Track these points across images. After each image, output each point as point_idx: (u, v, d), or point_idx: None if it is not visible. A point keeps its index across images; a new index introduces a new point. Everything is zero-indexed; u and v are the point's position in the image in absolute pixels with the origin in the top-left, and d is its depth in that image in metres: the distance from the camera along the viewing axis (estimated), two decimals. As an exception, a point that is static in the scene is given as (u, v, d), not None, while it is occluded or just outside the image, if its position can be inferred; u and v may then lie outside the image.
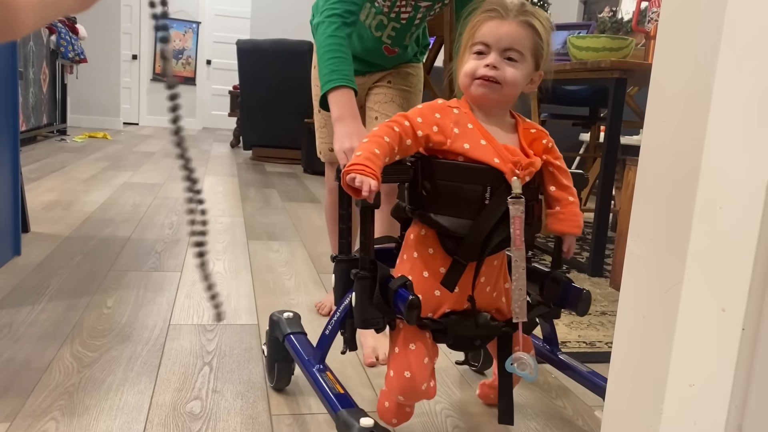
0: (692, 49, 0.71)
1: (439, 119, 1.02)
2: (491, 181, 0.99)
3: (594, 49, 2.71)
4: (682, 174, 0.72)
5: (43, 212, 2.93)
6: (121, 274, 2.13)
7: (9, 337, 1.57)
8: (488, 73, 1.03)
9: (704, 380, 0.69)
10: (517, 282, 1.01)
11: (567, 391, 1.52)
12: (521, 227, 0.98)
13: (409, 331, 1.05)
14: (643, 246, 0.79)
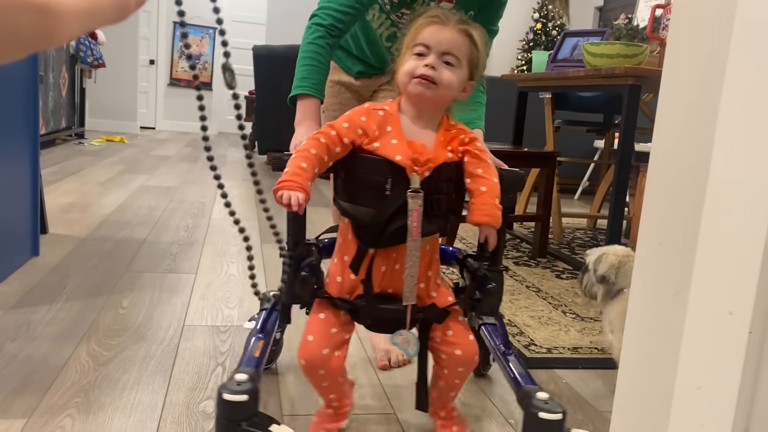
0: (701, 56, 0.72)
1: (364, 122, 1.09)
2: (393, 174, 1.06)
3: (608, 55, 2.71)
4: (690, 178, 0.73)
5: (61, 214, 2.97)
6: (137, 276, 2.16)
7: (27, 335, 1.59)
8: (426, 72, 1.08)
9: (712, 383, 0.69)
10: (409, 269, 1.08)
11: (578, 397, 1.52)
12: (418, 220, 1.05)
13: (323, 303, 1.14)
14: (651, 250, 0.80)
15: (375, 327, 1.16)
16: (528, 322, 2.03)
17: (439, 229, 1.12)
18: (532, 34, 8.79)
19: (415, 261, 1.08)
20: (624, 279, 1.52)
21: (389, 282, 1.12)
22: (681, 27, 0.77)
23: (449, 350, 1.15)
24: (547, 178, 3.02)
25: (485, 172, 1.12)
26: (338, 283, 1.15)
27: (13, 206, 2.12)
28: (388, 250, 1.09)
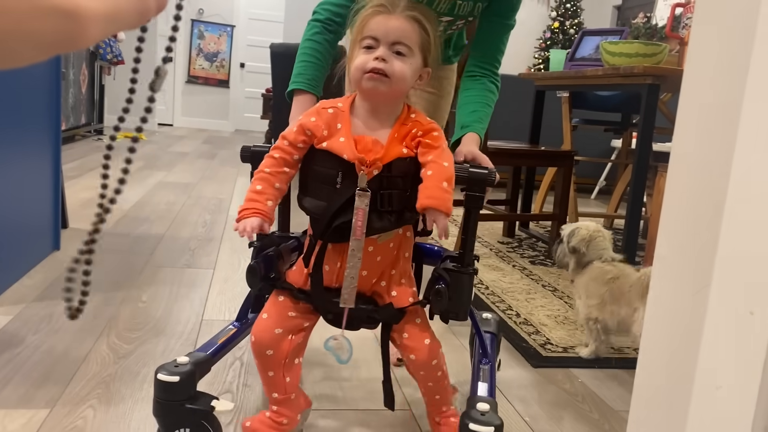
0: (724, 56, 0.72)
1: (312, 123, 1.07)
2: (343, 168, 1.05)
3: (627, 54, 2.69)
4: (711, 178, 0.73)
5: (81, 209, 3.01)
6: (156, 270, 2.18)
7: (49, 328, 1.62)
8: (377, 65, 1.05)
9: (731, 383, 0.69)
10: (349, 270, 1.06)
11: (594, 396, 1.52)
12: (363, 219, 1.03)
13: (285, 296, 1.13)
14: (671, 249, 0.80)
15: (335, 322, 1.13)
16: (544, 321, 2.03)
17: (392, 225, 1.07)
18: (550, 32, 8.75)
19: (356, 262, 1.05)
20: (594, 252, 1.75)
21: (342, 278, 1.09)
22: (704, 26, 0.77)
23: (405, 354, 1.13)
24: (563, 178, 3.01)
25: (435, 157, 1.06)
26: (301, 275, 1.14)
27: (34, 201, 2.15)
28: (345, 246, 1.06)
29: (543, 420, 1.37)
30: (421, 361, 1.12)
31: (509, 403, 1.44)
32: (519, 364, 1.67)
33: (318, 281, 1.09)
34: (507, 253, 3.00)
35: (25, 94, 2.03)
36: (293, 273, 1.16)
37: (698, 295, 0.74)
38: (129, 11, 0.46)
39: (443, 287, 1.10)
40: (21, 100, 2.00)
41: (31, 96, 2.09)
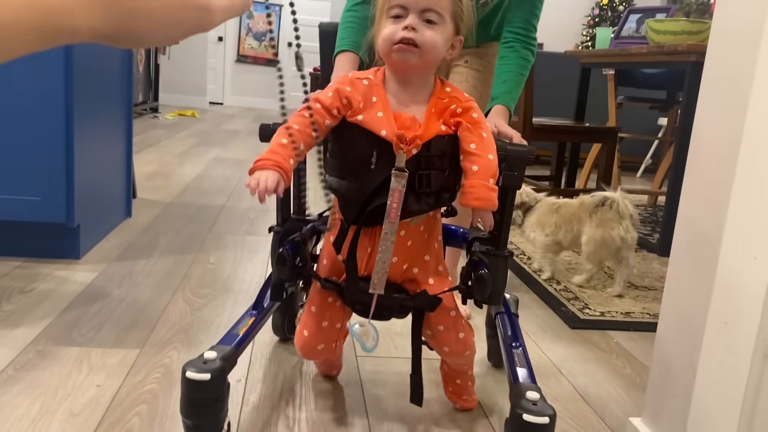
0: (739, 39, 0.82)
1: (349, 92, 0.99)
2: (378, 147, 0.98)
3: (672, 32, 2.74)
4: (726, 143, 0.84)
5: (146, 181, 3.22)
6: (220, 236, 2.36)
7: (131, 283, 1.81)
8: (407, 35, 0.97)
9: (737, 318, 0.80)
10: (381, 255, 0.99)
11: (627, 354, 1.63)
12: (399, 201, 0.96)
13: (314, 293, 1.10)
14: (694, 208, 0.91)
15: (365, 313, 1.06)
16: (584, 289, 2.13)
17: (430, 208, 1.02)
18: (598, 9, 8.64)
19: (389, 246, 0.99)
20: (528, 196, 2.18)
21: (373, 265, 1.03)
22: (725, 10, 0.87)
23: (439, 346, 1.11)
24: (607, 154, 3.08)
25: (479, 148, 0.99)
26: (329, 263, 1.09)
27: (110, 172, 2.35)
28: (374, 230, 1.01)
29: (579, 374, 1.49)
30: (456, 353, 1.12)
31: (546, 356, 1.56)
32: (558, 326, 1.78)
33: (352, 269, 1.03)
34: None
35: (104, 73, 2.21)
36: (320, 263, 1.11)
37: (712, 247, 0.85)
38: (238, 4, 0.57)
39: (486, 273, 1.05)
40: (102, 77, 2.18)
41: (108, 74, 2.28)
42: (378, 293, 1.02)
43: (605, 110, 3.58)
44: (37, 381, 1.24)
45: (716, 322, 0.82)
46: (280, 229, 1.15)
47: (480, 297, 1.07)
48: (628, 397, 1.40)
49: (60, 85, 1.81)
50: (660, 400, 1.01)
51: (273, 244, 1.16)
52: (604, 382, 1.46)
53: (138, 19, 0.38)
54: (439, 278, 1.08)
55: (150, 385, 1.27)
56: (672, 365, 0.97)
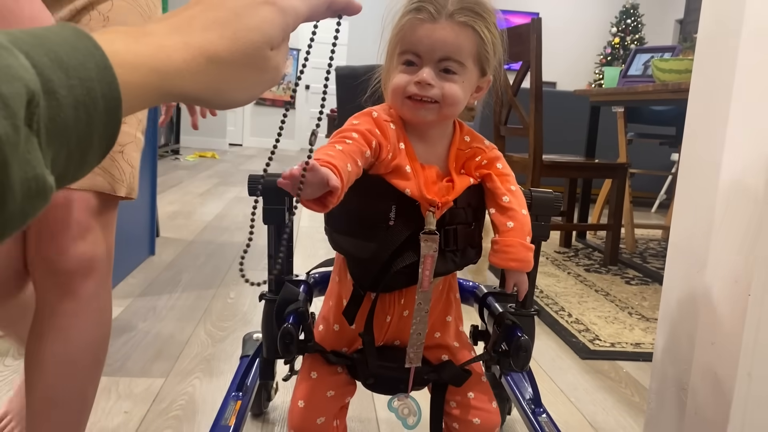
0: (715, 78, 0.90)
1: (379, 136, 0.82)
2: (397, 200, 0.84)
3: (677, 71, 2.82)
4: (709, 175, 0.90)
5: (169, 220, 3.33)
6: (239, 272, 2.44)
7: (155, 317, 1.89)
8: (420, 92, 0.83)
9: (723, 339, 0.86)
10: (416, 326, 0.88)
11: (636, 383, 1.67)
12: (431, 268, 0.84)
13: (316, 359, 0.93)
14: (682, 234, 0.97)
15: (378, 387, 0.95)
16: (594, 321, 2.17)
17: (456, 267, 0.90)
18: (610, 48, 8.76)
19: (424, 316, 0.87)
20: None
21: (396, 332, 0.91)
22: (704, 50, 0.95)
23: (466, 417, 0.94)
24: (617, 189, 3.13)
25: (512, 202, 0.89)
26: (335, 332, 0.94)
27: (136, 212, 2.45)
28: (393, 294, 0.89)
29: (588, 402, 1.53)
30: (486, 427, 0.94)
31: (555, 385, 1.61)
32: (568, 357, 1.83)
33: (371, 342, 0.89)
34: (563, 261, 3.14)
35: (130, 117, 2.33)
36: (324, 332, 0.96)
37: (699, 273, 0.91)
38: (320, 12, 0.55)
39: (525, 339, 0.90)
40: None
41: (134, 119, 2.39)
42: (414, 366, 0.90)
43: (617, 147, 3.66)
44: (68, 407, 1.31)
45: (705, 342, 0.87)
46: (274, 297, 0.95)
47: (519, 367, 0.91)
48: (636, 424, 1.43)
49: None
50: (657, 419, 1.06)
51: (266, 315, 0.96)
52: (612, 409, 1.50)
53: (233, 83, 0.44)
54: (461, 341, 0.96)
55: (174, 411, 1.33)
56: (666, 384, 1.02)
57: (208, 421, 1.30)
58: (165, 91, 0.40)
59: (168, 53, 0.40)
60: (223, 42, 0.43)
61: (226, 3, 0.45)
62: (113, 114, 0.35)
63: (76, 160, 0.35)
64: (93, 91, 0.34)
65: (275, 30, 0.46)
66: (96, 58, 0.35)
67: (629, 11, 8.50)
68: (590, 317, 2.21)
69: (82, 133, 0.34)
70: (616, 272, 2.97)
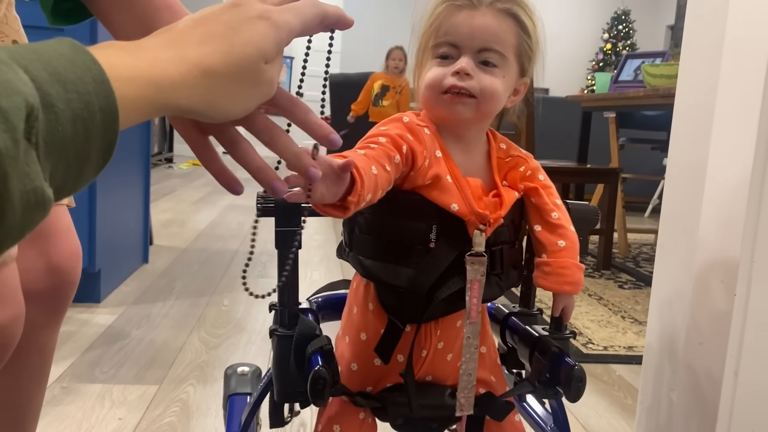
0: (699, 86, 0.91)
1: (412, 141, 0.73)
2: (438, 219, 0.75)
3: (667, 76, 2.85)
4: (694, 178, 0.92)
5: (162, 228, 3.33)
6: (233, 280, 2.44)
7: (148, 325, 1.89)
8: (459, 83, 0.75)
9: (710, 339, 0.87)
10: (466, 365, 0.77)
11: (629, 386, 1.68)
12: (479, 294, 0.75)
13: (338, 408, 0.82)
14: (672, 239, 0.98)
15: (407, 427, 0.84)
16: (587, 325, 2.18)
17: (501, 292, 0.81)
18: (602, 54, 8.82)
19: (474, 353, 0.77)
20: None
21: (429, 366, 0.81)
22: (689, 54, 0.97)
23: None
24: (609, 194, 3.15)
25: (562, 218, 0.81)
26: (353, 372, 0.82)
27: (129, 220, 2.45)
28: (428, 325, 0.79)
29: (580, 404, 1.54)
30: None
31: (550, 389, 1.61)
32: (561, 360, 1.84)
33: (413, 382, 0.78)
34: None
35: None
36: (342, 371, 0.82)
37: (688, 273, 0.92)
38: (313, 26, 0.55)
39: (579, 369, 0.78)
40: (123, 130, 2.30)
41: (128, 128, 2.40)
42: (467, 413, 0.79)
43: (609, 152, 3.68)
44: (62, 415, 1.31)
45: (693, 342, 0.88)
46: (288, 333, 0.80)
47: (573, 399, 0.80)
48: (629, 427, 1.44)
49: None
50: (647, 419, 1.07)
51: (279, 353, 0.81)
52: (605, 412, 1.51)
53: (227, 96, 0.45)
54: (497, 375, 0.86)
55: (168, 418, 1.33)
56: (656, 385, 1.03)
57: (201, 428, 1.30)
58: (161, 104, 0.41)
59: (163, 66, 0.41)
60: (217, 56, 0.43)
61: (221, 18, 0.46)
62: (110, 127, 0.36)
63: (74, 173, 0.35)
64: (91, 105, 0.35)
65: (269, 44, 0.47)
66: (93, 72, 0.35)
67: (621, 17, 8.56)
68: (583, 321, 2.22)
69: (80, 146, 0.34)
70: (609, 276, 2.98)
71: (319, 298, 1.01)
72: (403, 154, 0.71)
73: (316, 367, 0.74)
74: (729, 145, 0.85)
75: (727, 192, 0.85)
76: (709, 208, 0.88)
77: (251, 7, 0.47)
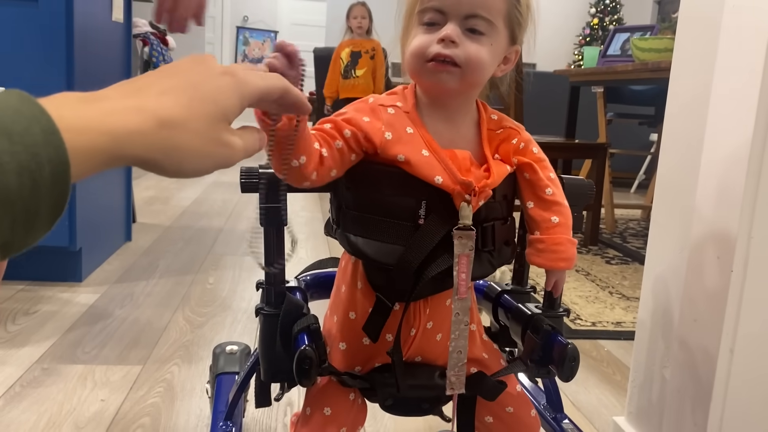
0: (697, 57, 0.88)
1: (367, 123, 0.73)
2: (429, 196, 0.72)
3: (656, 50, 2.82)
4: (690, 154, 0.89)
5: (146, 206, 3.27)
6: (218, 258, 2.41)
7: (132, 304, 1.85)
8: (444, 51, 0.72)
9: (705, 316, 0.85)
10: (456, 342, 0.75)
11: (618, 362, 1.67)
12: (468, 269, 0.73)
13: (327, 389, 0.80)
14: (665, 214, 0.96)
15: (397, 408, 0.83)
16: (575, 300, 2.18)
17: (493, 269, 0.78)
18: (589, 29, 8.78)
19: (464, 330, 0.75)
20: None
21: (418, 346, 0.79)
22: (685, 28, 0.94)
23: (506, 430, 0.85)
24: (597, 169, 3.14)
25: (556, 194, 0.78)
26: (341, 351, 0.80)
27: (111, 197, 2.40)
28: (417, 303, 0.77)
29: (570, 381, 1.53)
30: None
31: (539, 366, 1.60)
32: (550, 336, 1.83)
33: (401, 361, 0.77)
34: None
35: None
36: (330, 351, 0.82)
37: (683, 251, 0.91)
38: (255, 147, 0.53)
39: (572, 347, 0.78)
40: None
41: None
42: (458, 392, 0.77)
43: (596, 127, 3.66)
44: (43, 397, 1.28)
45: (687, 319, 0.87)
46: (274, 312, 0.80)
47: (566, 378, 0.80)
48: (617, 402, 1.44)
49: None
50: (639, 396, 1.06)
51: (265, 333, 0.81)
52: (594, 388, 1.50)
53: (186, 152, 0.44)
54: (489, 351, 0.85)
55: (152, 399, 1.31)
56: (649, 362, 1.02)
57: (186, 408, 1.28)
58: (116, 155, 0.40)
59: (120, 116, 0.40)
60: (177, 108, 0.43)
61: (185, 71, 0.46)
62: (61, 179, 0.35)
63: (22, 227, 0.35)
64: (38, 157, 0.34)
65: (231, 102, 0.46)
66: (42, 123, 0.35)
67: (608, -8, 8.50)
68: (571, 296, 2.22)
69: (27, 198, 0.34)
70: (597, 252, 2.98)
71: (307, 277, 0.99)
72: (345, 138, 0.71)
73: (302, 347, 0.73)
74: (727, 117, 0.83)
75: (725, 166, 0.83)
76: (706, 183, 0.86)
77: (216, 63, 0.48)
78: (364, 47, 4.07)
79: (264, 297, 0.82)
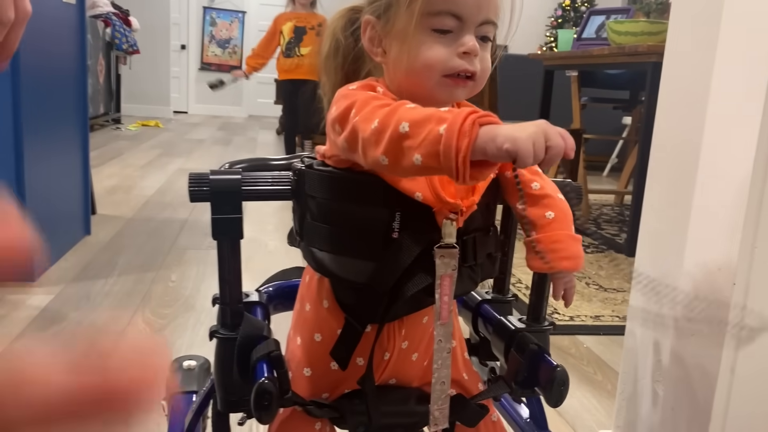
0: (695, 43, 0.81)
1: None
2: (403, 206, 0.64)
3: (633, 33, 2.76)
4: (688, 142, 0.82)
5: (107, 196, 3.13)
6: (182, 252, 2.30)
7: (89, 305, 1.75)
8: (470, 67, 0.64)
9: (704, 331, 0.79)
10: (438, 372, 0.66)
11: (598, 359, 1.62)
12: (451, 291, 0.64)
13: (291, 420, 0.72)
14: (656, 223, 0.89)
15: None
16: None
17: (475, 285, 0.72)
18: (561, 10, 8.74)
19: (446, 358, 0.66)
20: None
21: (393, 369, 0.72)
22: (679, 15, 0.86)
23: None
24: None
25: (544, 187, 0.71)
26: (305, 378, 0.72)
27: (66, 188, 2.27)
28: (392, 324, 0.70)
29: (549, 381, 1.48)
30: None
31: (518, 366, 1.54)
32: (528, 332, 1.77)
33: (374, 390, 0.69)
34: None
35: (56, 86, 2.14)
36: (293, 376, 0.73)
37: (676, 254, 0.84)
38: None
39: (562, 370, 0.71)
40: (52, 93, 2.11)
41: (61, 88, 2.20)
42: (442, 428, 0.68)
43: (570, 111, 3.60)
44: (-16, 416, 1.18)
45: (684, 333, 0.80)
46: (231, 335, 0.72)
47: (554, 403, 0.73)
48: (600, 406, 1.38)
49: (7, 99, 1.74)
50: (628, 410, 0.99)
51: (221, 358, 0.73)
52: (575, 390, 1.45)
53: None
54: (469, 372, 0.78)
55: (106, 414, 1.21)
56: (639, 375, 0.95)
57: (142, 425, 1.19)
58: None
59: None
60: None
61: None
62: None
63: None
64: None
65: None
66: None
67: (579, -27, 8.44)
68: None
69: None
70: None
71: (270, 288, 0.91)
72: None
73: (261, 380, 0.65)
74: (727, 117, 0.76)
75: (726, 171, 0.76)
76: (703, 188, 0.79)
77: None
78: (310, 22, 3.66)
79: (220, 317, 0.74)
